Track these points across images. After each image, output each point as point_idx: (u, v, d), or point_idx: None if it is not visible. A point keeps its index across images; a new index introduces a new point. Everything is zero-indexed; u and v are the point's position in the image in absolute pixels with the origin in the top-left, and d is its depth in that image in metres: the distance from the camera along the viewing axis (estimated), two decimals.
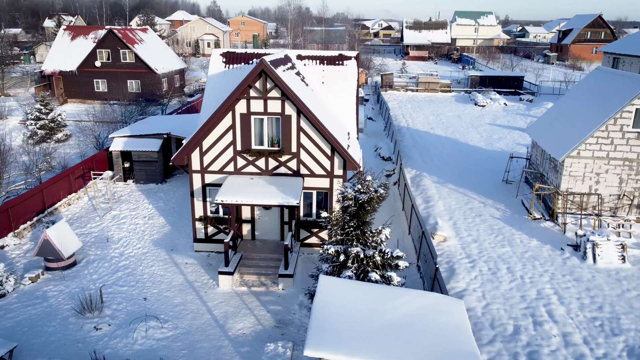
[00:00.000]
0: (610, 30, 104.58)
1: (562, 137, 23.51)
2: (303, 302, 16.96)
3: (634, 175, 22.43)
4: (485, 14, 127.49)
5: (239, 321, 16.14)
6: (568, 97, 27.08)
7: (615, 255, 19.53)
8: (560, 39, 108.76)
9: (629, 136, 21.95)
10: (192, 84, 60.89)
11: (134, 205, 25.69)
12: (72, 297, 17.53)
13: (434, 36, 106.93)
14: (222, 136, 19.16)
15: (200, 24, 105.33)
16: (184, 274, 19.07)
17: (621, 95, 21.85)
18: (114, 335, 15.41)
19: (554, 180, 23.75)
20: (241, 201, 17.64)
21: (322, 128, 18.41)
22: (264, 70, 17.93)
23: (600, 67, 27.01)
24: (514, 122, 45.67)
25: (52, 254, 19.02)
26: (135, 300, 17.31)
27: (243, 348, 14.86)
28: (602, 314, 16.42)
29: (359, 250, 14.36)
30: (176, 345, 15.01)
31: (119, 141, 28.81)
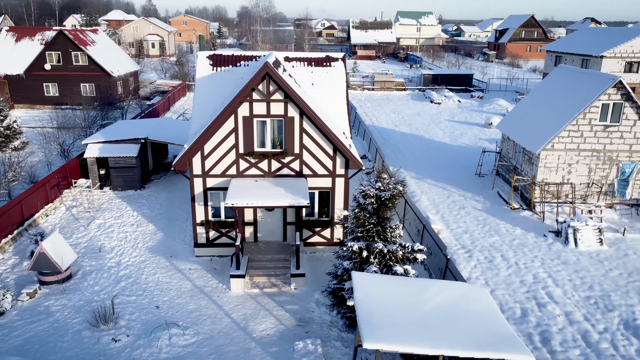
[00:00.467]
0: (542, 30, 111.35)
1: (535, 131, 25.17)
2: (319, 300, 17.30)
3: (601, 165, 24.42)
4: (426, 14, 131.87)
5: (260, 322, 16.25)
6: (534, 94, 28.94)
7: (594, 238, 21.26)
8: (497, 38, 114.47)
9: (596, 129, 23.88)
10: (146, 87, 59.13)
11: (117, 213, 24.93)
12: (77, 310, 16.94)
13: (379, 36, 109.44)
14: (224, 139, 19.11)
15: (144, 24, 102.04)
16: (191, 279, 18.87)
17: (588, 92, 23.72)
18: (136, 345, 15.10)
19: (529, 171, 25.39)
20: (252, 203, 17.71)
21: (326, 129, 18.81)
22: (268, 73, 18.08)
23: (562, 65, 29.08)
24: (470, 119, 47.90)
25: (49, 267, 18.25)
26: (148, 309, 16.99)
27: (271, 348, 15.03)
28: (593, 292, 17.92)
29: (382, 246, 14.90)
30: (203, 350, 14.94)
31: (94, 147, 27.80)
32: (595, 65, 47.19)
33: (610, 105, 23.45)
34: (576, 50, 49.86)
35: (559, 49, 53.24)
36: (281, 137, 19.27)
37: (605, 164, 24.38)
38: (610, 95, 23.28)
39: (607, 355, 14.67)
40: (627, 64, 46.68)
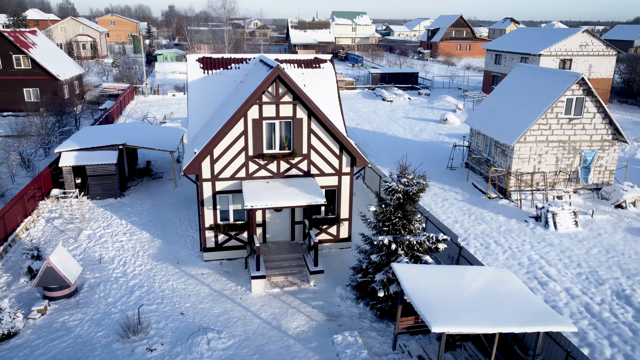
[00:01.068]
0: (470, 30, 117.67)
1: (507, 126, 27.15)
2: (342, 294, 17.90)
3: (566, 154, 26.82)
4: (360, 14, 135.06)
5: (291, 320, 16.60)
6: (498, 91, 31.07)
7: (570, 221, 23.41)
8: (429, 37, 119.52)
9: (562, 122, 26.20)
10: (91, 90, 56.49)
11: (104, 223, 24.08)
12: (98, 323, 16.44)
13: (318, 35, 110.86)
14: (233, 142, 19.17)
15: (73, 24, 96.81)
16: (207, 284, 18.79)
17: (554, 88, 25.98)
18: (174, 353, 14.97)
19: (503, 163, 27.36)
20: (271, 204, 17.97)
21: (334, 129, 19.41)
22: (280, 76, 18.39)
23: (521, 64, 31.49)
24: (424, 115, 50.14)
25: (57, 281, 17.50)
26: (172, 316, 16.80)
27: (310, 344, 15.45)
28: (582, 269, 19.86)
29: (412, 238, 15.78)
30: (244, 352, 15.09)
31: (69, 156, 26.59)
32: (534, 63, 50.97)
33: (574, 100, 25.83)
34: (515, 49, 53.56)
35: (498, 48, 56.89)
36: (289, 138, 19.62)
37: (570, 153, 26.81)
38: (574, 91, 25.65)
39: (611, 322, 16.46)
40: (561, 61, 50.87)
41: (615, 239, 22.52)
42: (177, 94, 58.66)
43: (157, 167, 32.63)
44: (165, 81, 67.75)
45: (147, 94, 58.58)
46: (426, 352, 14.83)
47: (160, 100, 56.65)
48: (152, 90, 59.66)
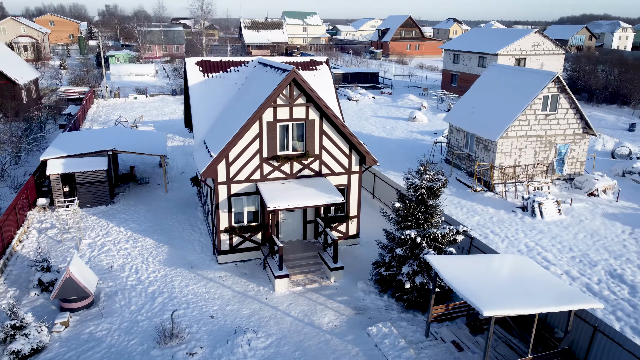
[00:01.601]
0: (419, 30, 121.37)
1: (489, 122, 28.77)
2: (364, 289, 18.57)
3: (543, 148, 28.77)
4: (311, 14, 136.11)
5: (322, 316, 17.09)
6: (474, 90, 32.75)
7: (554, 210, 25.23)
8: (380, 37, 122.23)
9: (539, 118, 28.10)
10: (48, 95, 54.00)
11: (102, 231, 23.53)
12: (127, 332, 16.25)
13: (272, 36, 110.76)
14: (248, 145, 19.37)
15: (13, 24, 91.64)
16: (228, 286, 18.91)
17: (532, 86, 27.81)
18: (216, 355, 15.10)
19: (485, 158, 28.98)
20: (293, 205, 18.35)
21: (346, 129, 20.04)
22: (295, 79, 18.79)
23: (495, 64, 33.34)
24: (392, 113, 51.67)
25: (77, 292, 17.12)
26: (203, 320, 16.85)
27: (347, 337, 16.02)
28: (574, 253, 21.57)
29: (437, 231, 16.69)
30: (285, 349, 15.44)
31: (56, 163, 25.70)
32: (491, 62, 53.66)
33: (550, 97, 27.78)
34: (474, 49, 56.16)
35: (456, 48, 59.39)
36: (302, 140, 20.05)
37: (546, 146, 28.78)
38: (550, 89, 27.58)
39: (612, 299, 18.09)
40: (516, 60, 53.87)
41: (596, 224, 24.52)
42: (139, 97, 57.19)
43: (140, 172, 31.98)
44: (123, 84, 65.73)
45: (108, 98, 56.72)
46: (458, 337, 15.77)
47: (122, 103, 55.02)
48: (112, 93, 57.80)
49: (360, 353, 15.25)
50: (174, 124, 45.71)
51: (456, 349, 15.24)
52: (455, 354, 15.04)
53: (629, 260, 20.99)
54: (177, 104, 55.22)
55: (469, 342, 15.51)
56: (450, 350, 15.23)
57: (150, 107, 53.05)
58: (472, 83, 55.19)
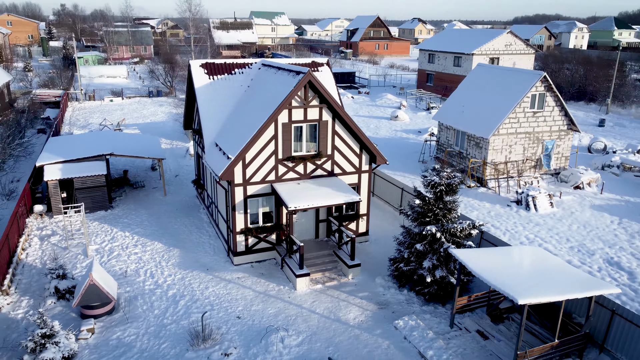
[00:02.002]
0: (387, 30, 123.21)
1: (480, 120, 29.84)
2: (383, 284, 19.10)
3: (531, 144, 30.08)
4: (279, 14, 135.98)
5: (347, 312, 17.52)
6: (462, 89, 33.83)
7: (547, 203, 26.47)
8: (349, 37, 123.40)
9: (528, 115, 29.37)
10: (20, 98, 52.18)
11: (107, 236, 23.23)
12: (156, 336, 16.24)
13: (242, 36, 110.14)
14: (264, 147, 19.59)
15: None
16: (248, 287, 19.09)
17: (521, 85, 29.03)
18: (251, 354, 15.31)
19: (478, 155, 30.05)
20: (312, 205, 18.68)
21: (358, 129, 20.53)
22: (311, 81, 19.14)
23: (481, 64, 34.52)
24: (373, 113, 52.52)
25: (100, 298, 16.96)
26: (230, 320, 17.00)
27: (375, 331, 16.51)
28: (572, 243, 22.76)
29: (457, 225, 17.39)
30: (317, 346, 15.80)
31: (54, 169, 25.16)
32: (467, 62, 55.37)
33: (537, 95, 29.08)
34: (449, 49, 57.69)
35: (431, 48, 60.84)
36: (316, 140, 20.41)
37: (534, 143, 30.11)
38: (537, 87, 28.87)
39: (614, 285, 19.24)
40: (490, 59, 55.68)
41: (586, 216, 25.90)
42: (115, 99, 56.02)
43: (132, 175, 31.55)
44: (96, 86, 64.16)
45: (82, 101, 55.32)
46: (481, 326, 16.51)
47: (98, 106, 53.78)
48: (86, 96, 56.40)
49: (392, 346, 15.78)
50: (157, 126, 45.12)
51: (482, 337, 15.97)
52: (481, 343, 15.76)
53: (622, 249, 22.32)
54: (156, 106, 54.43)
55: (492, 331, 16.27)
56: (476, 339, 15.95)
57: (128, 110, 52.08)
58: (447, 82, 56.84)
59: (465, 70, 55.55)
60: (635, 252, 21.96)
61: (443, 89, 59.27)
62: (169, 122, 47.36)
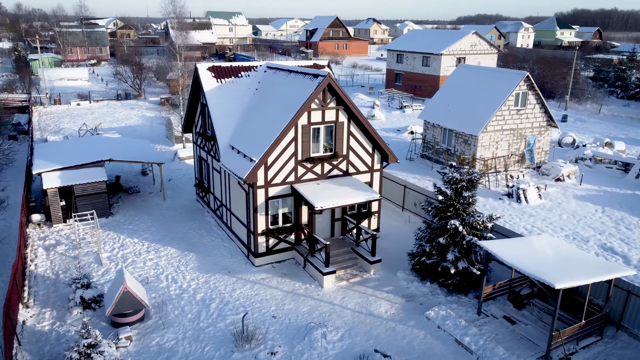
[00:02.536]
0: (346, 30, 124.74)
1: (468, 118, 31.24)
2: (405, 278, 19.88)
3: (515, 140, 31.79)
4: (236, 14, 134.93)
5: (378, 306, 18.17)
6: (445, 89, 35.20)
7: (536, 195, 28.14)
8: (308, 37, 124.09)
9: (512, 113, 31.03)
10: None
11: (117, 244, 22.86)
12: (196, 339, 16.33)
13: (201, 36, 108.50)
14: (285, 149, 19.93)
15: None
16: (274, 287, 19.38)
17: (506, 85, 30.63)
18: (298, 352, 15.69)
19: (467, 151, 31.46)
20: (336, 204, 19.20)
21: (372, 130, 21.22)
22: (330, 83, 19.65)
23: (462, 64, 36.03)
24: None
25: (133, 306, 16.83)
26: (266, 320, 17.27)
27: (409, 323, 17.25)
28: (566, 232, 24.39)
29: (477, 218, 18.40)
30: (358, 339, 16.35)
31: (52, 176, 24.44)
32: (436, 62, 57.29)
33: (520, 94, 30.78)
34: (417, 49, 59.45)
35: (400, 48, 62.46)
36: (332, 141, 20.94)
37: (518, 139, 31.84)
38: (520, 87, 30.56)
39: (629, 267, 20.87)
40: (457, 59, 57.84)
41: (572, 206, 27.74)
42: (83, 103, 54.23)
43: (124, 181, 30.93)
44: (57, 90, 61.70)
45: (48, 105, 53.20)
46: (506, 312, 17.59)
47: (66, 110, 51.90)
48: (52, 100, 54.25)
49: (428, 335, 16.57)
50: (135, 130, 44.16)
51: (509, 322, 17.03)
52: (510, 327, 16.82)
53: (611, 235, 24.15)
54: (127, 109, 53.12)
55: (517, 316, 17.37)
56: (504, 324, 16.99)
57: (99, 114, 50.57)
58: (417, 82, 58.54)
59: (434, 70, 57.47)
60: (623, 238, 23.83)
61: (412, 88, 61.01)
62: (145, 125, 46.45)
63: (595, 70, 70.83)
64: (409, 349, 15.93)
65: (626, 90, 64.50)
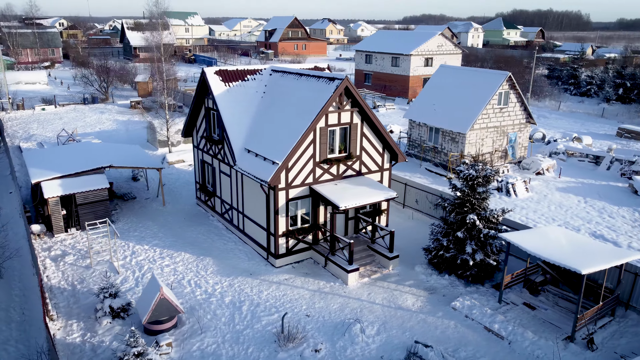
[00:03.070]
0: (304, 30, 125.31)
1: (455, 117, 32.60)
2: (423, 272, 20.75)
3: (499, 137, 33.45)
4: (192, 14, 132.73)
5: (404, 300, 18.92)
6: (428, 89, 36.47)
7: (523, 188, 29.80)
8: (267, 37, 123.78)
9: (496, 111, 32.64)
10: None
11: (127, 252, 22.52)
12: (236, 341, 16.52)
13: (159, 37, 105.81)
14: (304, 151, 20.33)
15: None
16: (300, 286, 19.75)
17: (490, 85, 32.19)
18: (340, 348, 16.17)
19: (454, 149, 32.82)
20: (361, 203, 19.79)
21: (384, 130, 21.96)
22: (348, 87, 20.21)
23: (443, 65, 37.45)
24: None
25: (169, 312, 16.82)
26: (301, 319, 17.61)
27: (437, 314, 18.09)
28: (558, 222, 26.05)
29: (494, 213, 19.50)
30: (394, 332, 17.03)
31: (53, 185, 23.72)
32: (405, 62, 58.89)
33: (503, 93, 32.43)
34: (387, 50, 60.88)
35: (368, 49, 63.72)
36: (346, 142, 21.51)
37: (501, 135, 33.52)
38: (503, 86, 32.21)
39: None
40: (425, 59, 59.70)
41: (557, 197, 29.59)
42: (48, 108, 52.11)
43: (117, 187, 30.25)
44: (20, 94, 58.91)
45: (11, 110, 50.78)
46: (525, 299, 18.76)
47: (31, 116, 49.75)
48: (14, 105, 51.81)
49: (458, 325, 17.47)
50: (111, 135, 43.01)
51: (530, 308, 18.20)
52: (531, 313, 17.99)
53: (598, 223, 26.02)
54: (96, 113, 51.52)
55: (535, 302, 18.59)
56: (525, 310, 18.15)
57: (68, 119, 48.80)
58: (386, 82, 59.99)
59: (403, 70, 59.06)
60: (609, 225, 25.74)
61: (382, 88, 62.41)
62: (121, 129, 45.31)
63: (549, 68, 74.82)
64: (444, 339, 16.76)
65: (578, 88, 68.60)
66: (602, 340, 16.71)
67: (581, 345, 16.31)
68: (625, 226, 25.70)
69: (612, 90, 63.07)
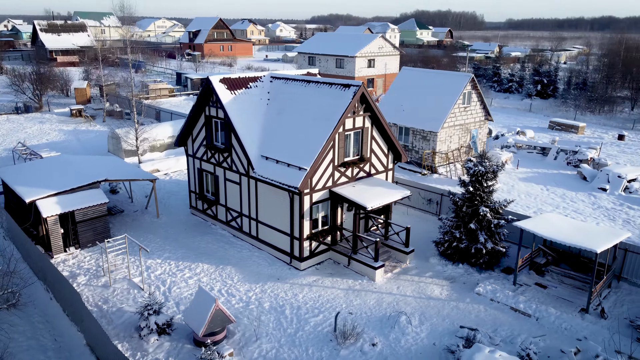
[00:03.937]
0: (229, 31, 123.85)
1: (425, 117, 34.73)
2: (438, 263, 22.33)
3: (463, 134, 36.12)
4: (107, 14, 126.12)
5: (431, 291, 20.34)
6: (394, 90, 38.39)
7: None
8: (191, 39, 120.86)
9: (461, 110, 35.23)
10: None
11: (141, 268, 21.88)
12: (293, 344, 16.98)
13: (76, 39, 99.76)
14: (326, 155, 21.07)
15: None
16: (331, 286, 20.48)
17: (455, 85, 34.65)
18: (394, 339, 17.20)
19: (425, 147, 34.99)
20: (385, 202, 20.92)
21: (391, 133, 23.25)
22: (363, 93, 21.23)
23: (406, 67, 39.54)
24: None
25: (222, 322, 16.94)
26: (346, 317, 18.40)
27: (465, 300, 19.70)
28: (533, 209, 28.89)
29: (503, 204, 21.49)
30: (434, 321, 18.34)
31: (50, 203, 22.45)
32: (350, 63, 60.82)
33: (467, 93, 35.09)
34: (331, 52, 62.43)
35: (311, 51, 64.91)
36: (359, 146, 22.53)
37: (465, 133, 36.21)
38: (467, 87, 34.86)
39: None
40: (368, 61, 62.01)
41: (522, 187, 32.67)
42: None
43: None
44: None
45: None
46: (534, 280, 20.94)
47: None
48: None
49: (487, 308, 19.19)
50: (64, 146, 40.50)
51: (542, 288, 20.38)
52: (544, 292, 20.16)
53: (565, 208, 29.24)
54: (36, 123, 48.03)
55: (544, 281, 20.83)
56: (539, 290, 20.30)
57: (5, 130, 45.12)
58: None
59: (348, 71, 60.92)
60: (575, 209, 29.04)
61: None
62: (72, 140, 42.77)
63: (475, 67, 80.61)
64: (480, 322, 18.38)
65: (501, 85, 74.70)
66: (608, 309, 19.20)
67: (594, 315, 18.67)
68: (588, 209, 29.14)
69: (532, 86, 69.44)
